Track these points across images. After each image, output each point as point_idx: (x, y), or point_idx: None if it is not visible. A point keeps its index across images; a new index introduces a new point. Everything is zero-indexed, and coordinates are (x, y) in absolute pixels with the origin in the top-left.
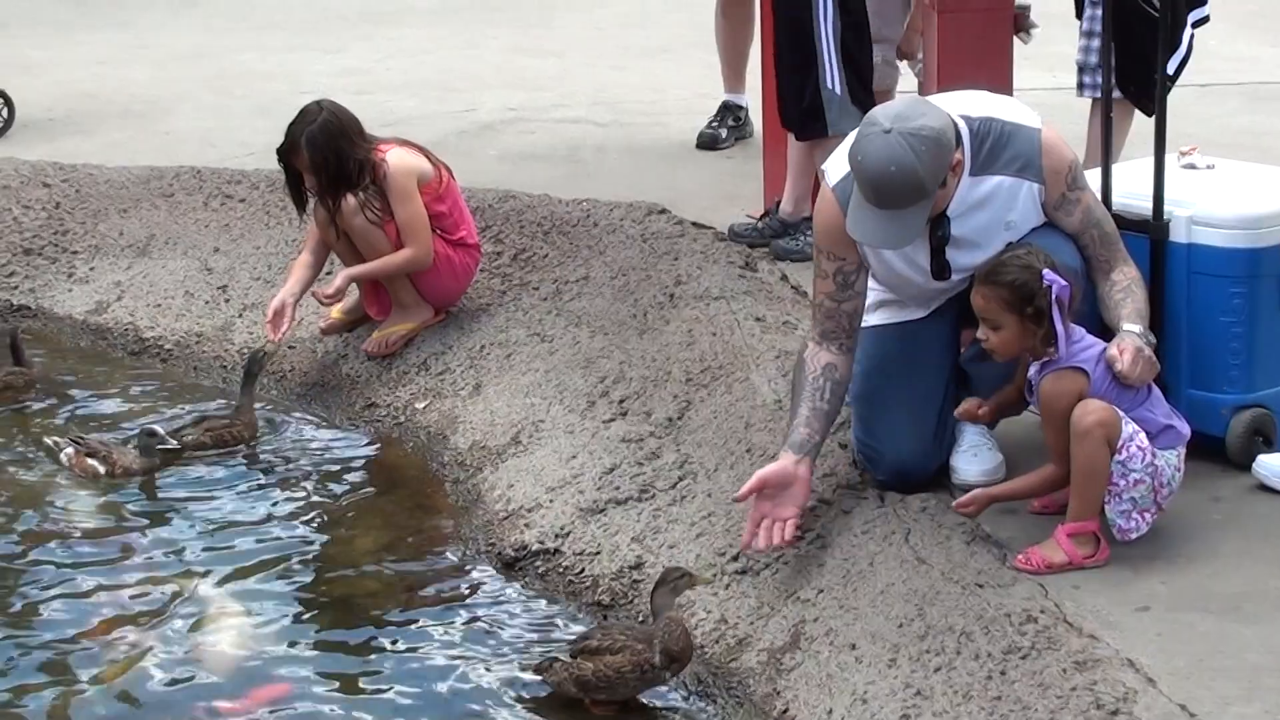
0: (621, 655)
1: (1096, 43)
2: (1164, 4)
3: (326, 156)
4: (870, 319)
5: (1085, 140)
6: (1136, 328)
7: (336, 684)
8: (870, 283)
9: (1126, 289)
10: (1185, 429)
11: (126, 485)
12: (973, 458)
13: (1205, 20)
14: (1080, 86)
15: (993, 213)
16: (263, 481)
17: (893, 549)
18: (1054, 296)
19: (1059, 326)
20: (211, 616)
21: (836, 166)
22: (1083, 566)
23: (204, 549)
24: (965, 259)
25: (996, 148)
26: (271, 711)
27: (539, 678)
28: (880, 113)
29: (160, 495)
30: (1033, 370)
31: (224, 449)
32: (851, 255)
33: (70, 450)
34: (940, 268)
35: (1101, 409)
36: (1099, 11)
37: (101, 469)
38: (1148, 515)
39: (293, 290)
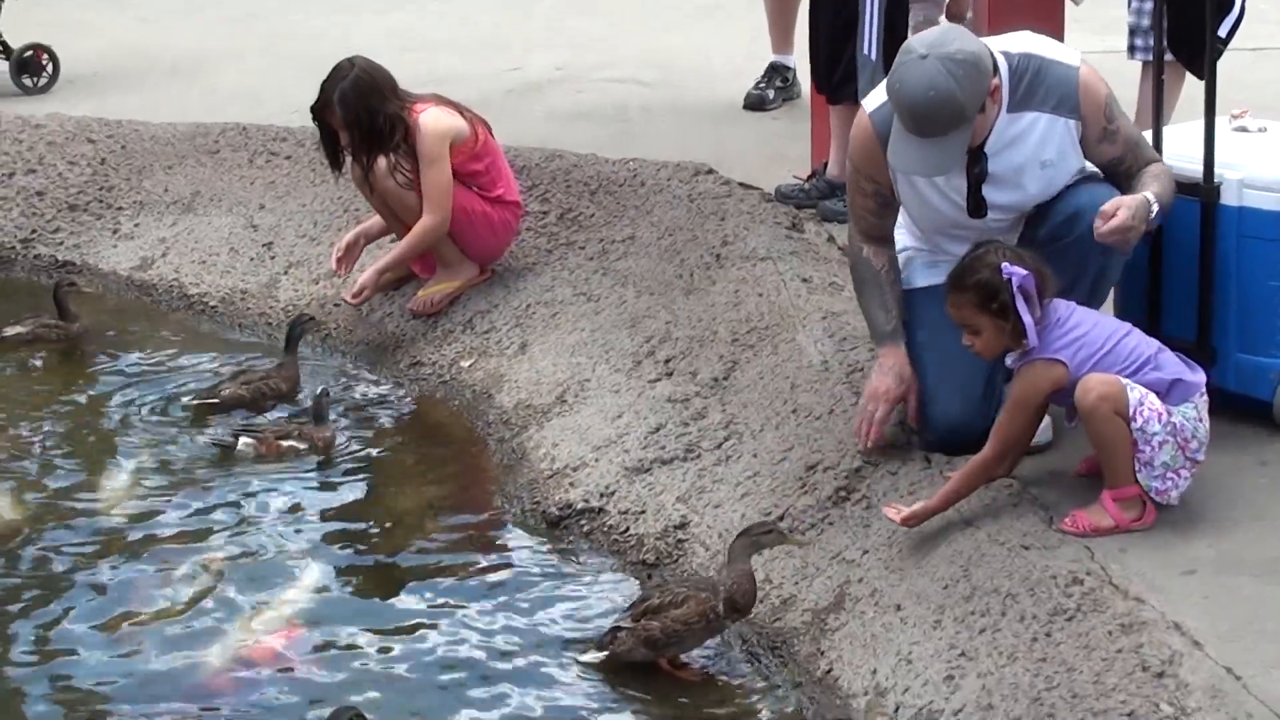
0: (686, 607)
1: (1149, 5)
2: None
3: (358, 113)
4: (919, 281)
5: (1135, 104)
6: (1151, 195)
7: (377, 639)
8: (917, 241)
9: (1157, 176)
10: (1197, 377)
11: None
12: None
13: None
14: (1131, 49)
15: (1029, 150)
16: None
17: None
18: (1016, 288)
19: (1025, 317)
20: (246, 568)
21: (875, 97)
22: (1129, 530)
23: (246, 506)
24: (1002, 197)
25: (1035, 83)
26: (300, 662)
27: (602, 654)
28: (916, 41)
29: (200, 452)
30: (1010, 359)
31: (263, 402)
32: (887, 182)
33: (250, 440)
34: (977, 204)
35: (1100, 383)
36: None
37: (302, 445)
38: (1184, 473)
39: (368, 230)
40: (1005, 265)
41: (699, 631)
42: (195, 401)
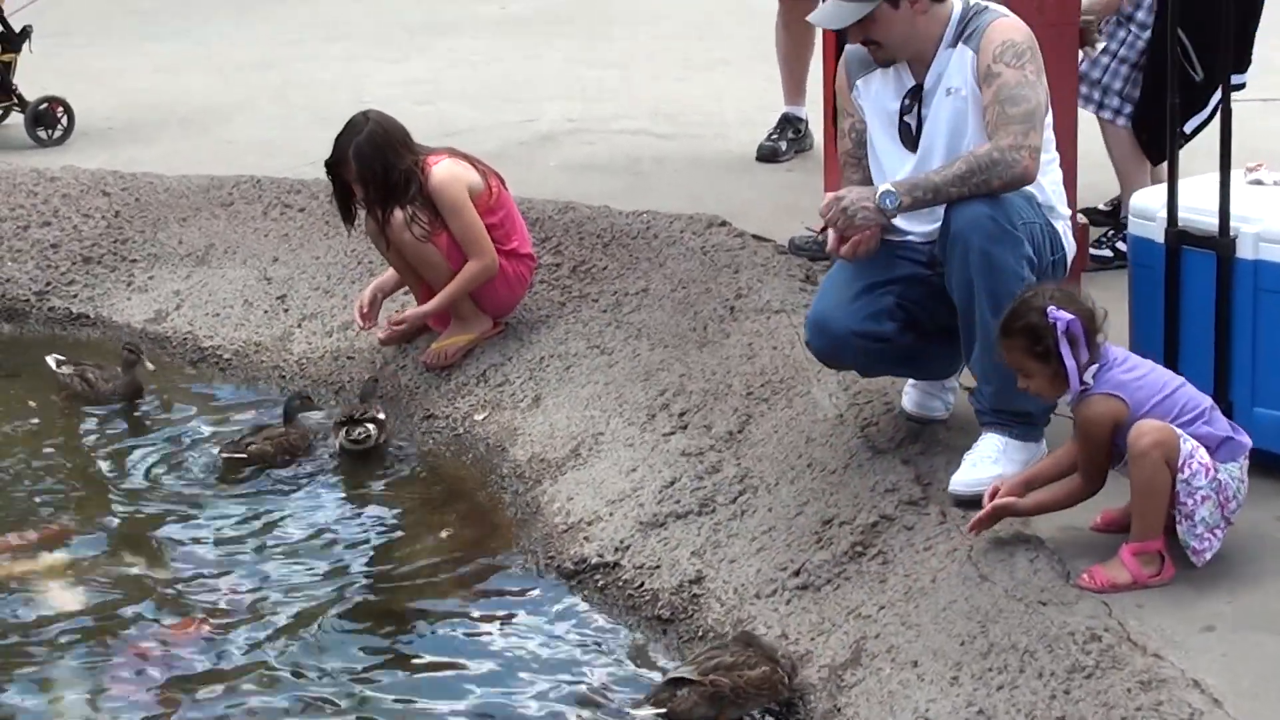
0: (758, 671)
1: (1104, 59)
2: (1204, 66)
3: (374, 168)
4: None
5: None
6: (897, 187)
7: (391, 695)
8: None
9: (964, 160)
10: (1245, 439)
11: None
12: (970, 467)
13: (1241, 87)
14: (1087, 101)
15: (945, 81)
16: (320, 492)
17: (955, 565)
18: (1060, 332)
19: (1068, 362)
20: (264, 623)
21: None
22: (1147, 585)
23: (262, 558)
24: (927, 129)
25: (971, 23)
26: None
27: (658, 711)
28: None
29: (219, 503)
30: (1068, 399)
31: (283, 457)
32: (859, 113)
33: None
34: (908, 130)
35: (1157, 429)
36: (1123, 32)
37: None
38: (1218, 532)
39: (383, 285)
40: (1051, 309)
41: (765, 696)
42: (225, 455)
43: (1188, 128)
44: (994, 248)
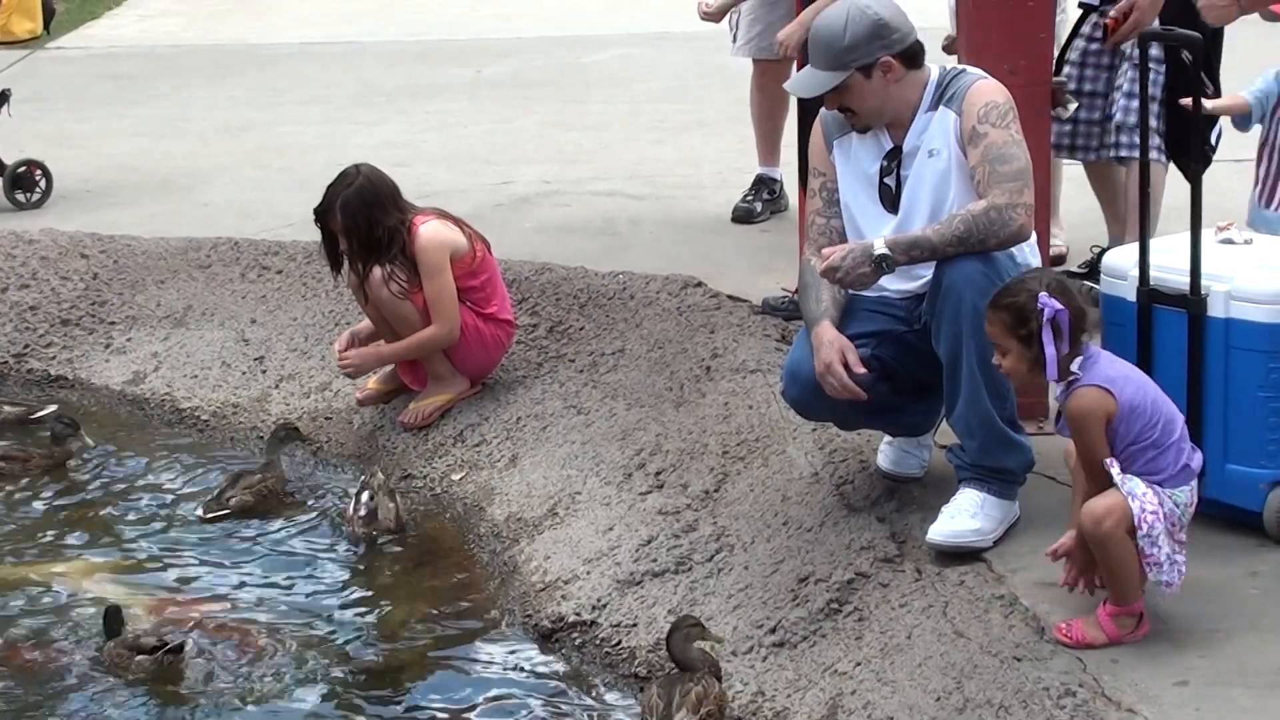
0: (717, 686)
1: (1152, 106)
2: (1210, 77)
3: (358, 222)
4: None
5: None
6: (885, 243)
7: None
8: None
9: (950, 219)
10: (1197, 462)
11: None
12: (948, 519)
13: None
14: (1116, 146)
15: (925, 143)
16: (297, 551)
17: (931, 622)
18: (1046, 319)
19: (1048, 349)
20: (236, 684)
21: None
22: (1121, 643)
23: (235, 618)
24: (905, 191)
25: (949, 86)
26: None
27: None
28: None
29: (191, 561)
30: (1058, 392)
31: (265, 504)
32: (831, 173)
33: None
34: (886, 190)
35: (1106, 508)
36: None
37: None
38: (1179, 559)
39: (358, 332)
40: (1043, 295)
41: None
42: (209, 516)
43: (1213, 138)
44: (985, 303)
